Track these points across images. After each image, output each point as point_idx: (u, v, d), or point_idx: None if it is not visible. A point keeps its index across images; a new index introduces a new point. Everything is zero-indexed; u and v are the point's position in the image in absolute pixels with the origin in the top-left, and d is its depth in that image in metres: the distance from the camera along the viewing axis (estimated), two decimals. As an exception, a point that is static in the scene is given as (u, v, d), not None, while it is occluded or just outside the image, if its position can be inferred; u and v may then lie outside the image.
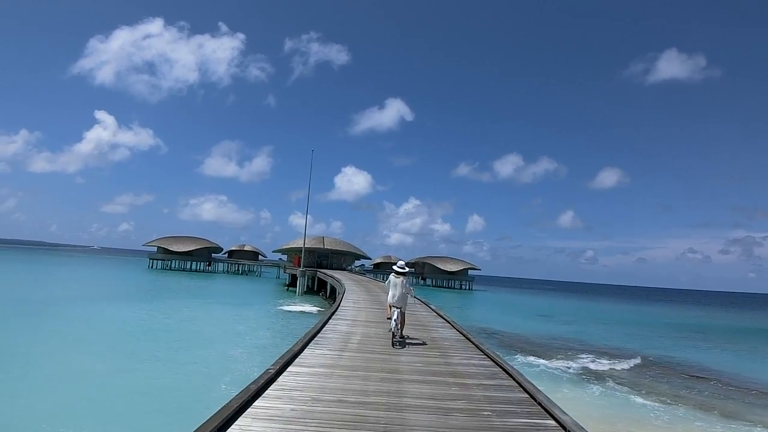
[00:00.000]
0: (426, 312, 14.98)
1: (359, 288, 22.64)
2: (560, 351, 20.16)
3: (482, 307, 44.93)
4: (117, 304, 25.21)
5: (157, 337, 16.93)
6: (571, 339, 24.64)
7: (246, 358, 13.63)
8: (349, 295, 17.62)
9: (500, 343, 21.03)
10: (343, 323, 10.58)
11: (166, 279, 52.31)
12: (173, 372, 12.50)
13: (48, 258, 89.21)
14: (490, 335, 23.26)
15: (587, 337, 26.08)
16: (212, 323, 21.13)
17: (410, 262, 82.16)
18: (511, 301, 62.58)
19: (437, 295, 55.20)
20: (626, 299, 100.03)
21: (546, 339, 23.90)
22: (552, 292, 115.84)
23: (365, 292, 20.11)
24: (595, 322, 36.64)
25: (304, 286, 40.19)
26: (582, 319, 39.45)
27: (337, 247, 53.50)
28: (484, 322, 29.34)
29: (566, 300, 77.11)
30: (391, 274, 8.87)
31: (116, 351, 14.42)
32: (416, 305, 15.25)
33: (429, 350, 8.01)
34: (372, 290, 21.75)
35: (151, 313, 23.02)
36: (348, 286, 22.31)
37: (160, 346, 15.34)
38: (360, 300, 16.23)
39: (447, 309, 40.19)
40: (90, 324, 18.75)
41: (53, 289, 32.05)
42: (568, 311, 48.51)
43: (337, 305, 13.73)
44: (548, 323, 33.25)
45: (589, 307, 59.23)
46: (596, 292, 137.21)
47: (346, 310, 13.14)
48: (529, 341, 22.44)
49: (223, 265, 78.01)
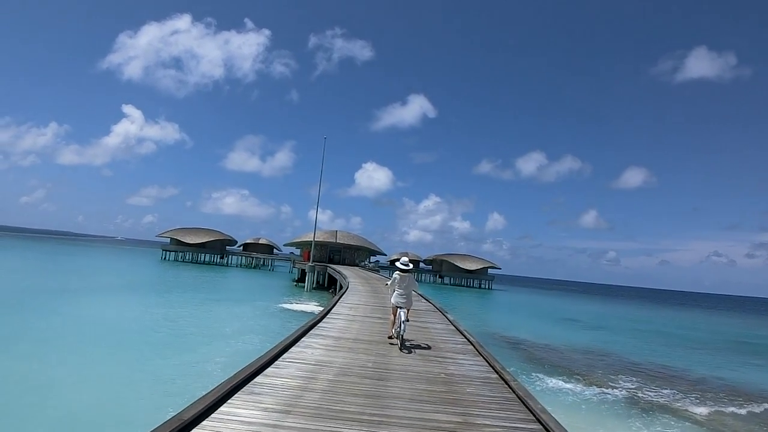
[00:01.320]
0: (427, 308, 13.27)
1: (365, 288, 19.99)
2: (596, 369, 17.13)
3: (503, 309, 41.81)
4: (104, 298, 23.30)
5: (125, 338, 14.70)
6: (607, 352, 21.49)
7: (216, 371, 11.20)
8: (348, 298, 15.01)
9: (525, 355, 18.13)
10: (328, 336, 7.97)
11: (173, 271, 50.88)
12: (123, 383, 10.27)
13: (65, 248, 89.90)
14: (514, 345, 20.35)
15: (625, 349, 22.86)
16: (199, 323, 18.88)
17: (428, 259, 79.30)
18: (533, 302, 59.10)
19: (455, 295, 52.27)
20: (653, 303, 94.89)
21: (578, 351, 20.84)
22: (574, 293, 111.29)
23: (370, 294, 17.44)
24: (630, 331, 33.15)
25: (313, 282, 37.90)
26: (614, 326, 35.96)
27: (350, 242, 51.00)
28: (506, 328, 26.39)
29: (591, 303, 73.03)
30: (395, 272, 8.22)
31: (73, 353, 12.29)
32: (419, 300, 13.65)
33: (428, 359, 6.84)
34: (379, 291, 19.06)
35: (135, 309, 20.97)
36: (352, 285, 19.72)
37: (122, 350, 13.10)
38: (359, 305, 13.56)
39: (465, 310, 37.29)
40: (62, 321, 16.71)
41: (50, 279, 30.54)
42: (595, 316, 44.90)
43: (325, 312, 11.13)
44: (577, 330, 30.01)
45: (617, 312, 55.29)
46: (620, 295, 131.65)
47: (335, 320, 10.52)
48: (558, 354, 19.44)
49: (236, 258, 76.78)
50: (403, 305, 7.89)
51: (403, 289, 7.96)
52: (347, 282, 20.81)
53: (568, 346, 22.00)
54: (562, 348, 21.02)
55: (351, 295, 15.73)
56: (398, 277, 8.07)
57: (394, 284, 8.11)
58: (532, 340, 22.26)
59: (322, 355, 6.47)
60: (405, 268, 8.14)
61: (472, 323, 26.31)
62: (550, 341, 22.66)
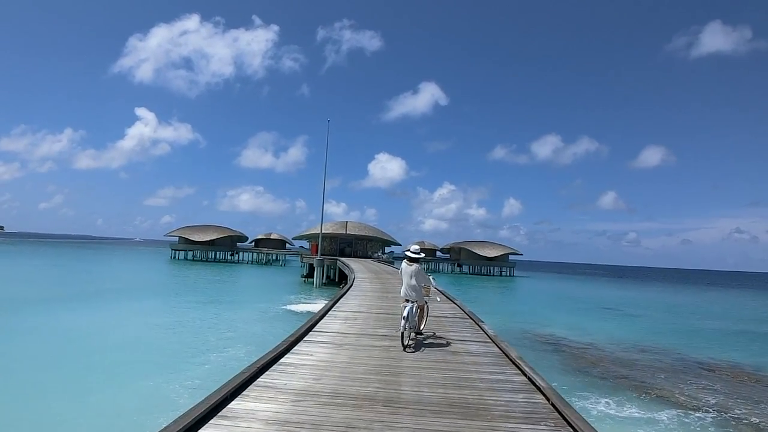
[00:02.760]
0: (451, 310, 10.85)
1: (373, 286, 17.08)
2: (659, 375, 13.97)
3: (530, 300, 38.56)
4: (92, 306, 20.96)
5: (91, 357, 12.14)
6: (662, 349, 18.23)
7: (184, 397, 8.51)
8: (345, 303, 12.11)
9: (570, 361, 15.05)
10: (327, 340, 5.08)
11: (179, 271, 48.89)
12: (56, 419, 7.68)
13: (77, 252, 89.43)
14: (554, 347, 17.24)
15: (682, 345, 19.53)
16: (185, 332, 16.30)
17: (445, 247, 76.11)
18: (560, 290, 55.59)
19: (476, 285, 49.20)
20: (682, 285, 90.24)
21: (628, 350, 17.64)
22: (598, 277, 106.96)
23: (378, 295, 14.51)
24: (676, 320, 29.64)
25: (322, 277, 35.25)
26: (655, 314, 32.46)
27: (362, 233, 48.14)
28: (538, 322, 23.29)
29: (620, 287, 69.06)
30: (402, 261, 7.55)
31: (18, 381, 9.78)
32: (436, 299, 11.05)
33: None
34: (390, 290, 16.12)
35: (119, 318, 18.51)
36: (357, 283, 16.84)
37: (78, 373, 10.58)
38: (359, 314, 10.64)
39: (488, 302, 34.14)
40: (26, 338, 14.31)
41: (42, 286, 28.51)
42: (630, 303, 41.31)
43: (315, 319, 8.27)
44: (617, 322, 26.69)
45: (652, 297, 51.47)
46: (644, 277, 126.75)
47: (329, 326, 7.65)
48: (608, 356, 16.28)
49: (247, 254, 74.89)
50: (411, 297, 7.07)
51: (411, 281, 7.16)
52: (353, 277, 17.93)
53: (614, 343, 18.81)
54: (609, 347, 17.84)
55: (352, 298, 12.73)
56: (405, 267, 7.31)
57: (401, 275, 7.39)
58: (572, 338, 19.12)
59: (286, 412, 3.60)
60: (414, 256, 7.31)
61: (499, 320, 23.26)
62: (592, 338, 19.50)
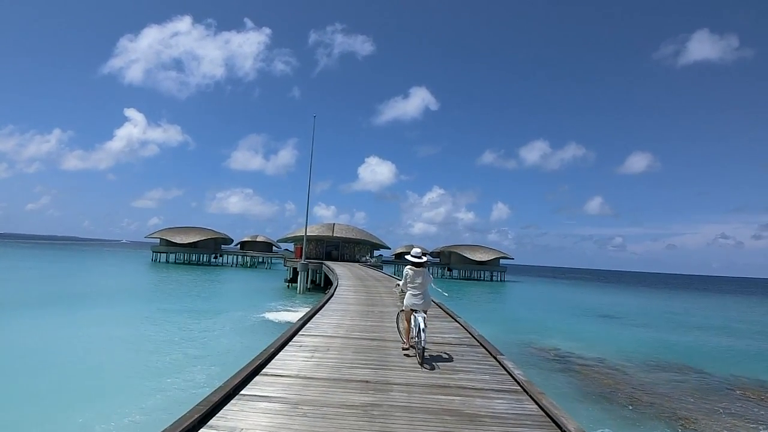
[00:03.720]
0: (454, 331, 8.97)
1: (357, 296, 15.00)
2: (687, 400, 12.12)
3: (525, 306, 36.78)
4: (45, 313, 18.55)
5: (22, 375, 9.88)
6: (694, 370, 16.36)
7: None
8: (328, 312, 10.04)
9: (590, 387, 13.09)
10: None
11: (157, 274, 46.26)
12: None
13: (57, 253, 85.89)
14: (563, 365, 15.30)
15: (708, 361, 17.74)
16: (142, 348, 14.06)
17: (435, 251, 74.23)
18: (554, 295, 54.03)
19: (467, 290, 47.35)
20: (675, 289, 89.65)
21: (644, 368, 15.79)
22: (587, 281, 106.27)
23: (363, 305, 12.45)
24: (684, 329, 28.03)
25: (306, 282, 33.06)
26: (661, 322, 30.84)
27: (349, 235, 46.04)
28: (538, 332, 21.43)
29: (614, 293, 67.90)
30: (406, 267, 6.66)
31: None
32: None
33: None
34: (378, 303, 14.05)
35: (76, 327, 16.17)
36: (340, 292, 14.77)
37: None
38: (339, 330, 8.55)
39: (483, 308, 32.18)
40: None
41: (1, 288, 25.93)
42: (630, 310, 39.78)
43: (293, 331, 6.22)
44: (623, 331, 24.93)
45: (650, 303, 50.14)
46: (632, 281, 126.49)
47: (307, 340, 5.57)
48: (630, 379, 14.34)
49: (232, 257, 72.29)
50: (419, 307, 6.46)
51: (418, 287, 6.52)
52: (335, 285, 15.86)
53: (625, 358, 16.97)
54: (622, 364, 15.98)
55: (329, 314, 10.50)
56: (411, 272, 6.60)
57: (406, 282, 6.63)
58: (579, 353, 17.25)
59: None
60: (418, 260, 6.65)
61: (496, 329, 21.32)
62: (600, 352, 17.65)
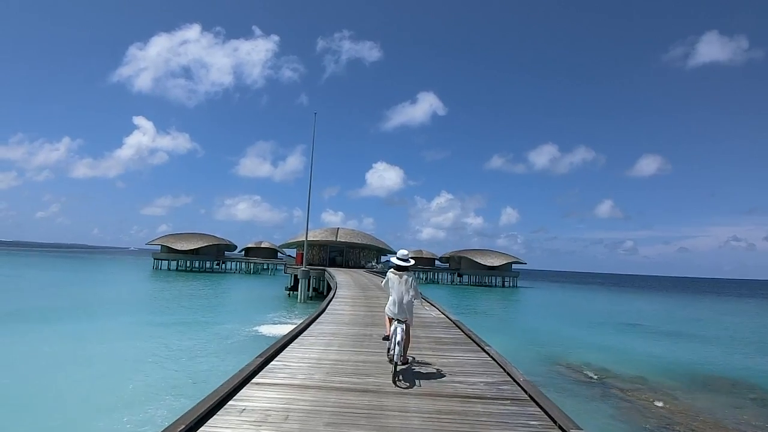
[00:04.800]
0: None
1: (354, 310, 12.78)
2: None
3: (541, 314, 34.31)
4: (12, 329, 16.64)
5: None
6: (752, 390, 14.01)
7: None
8: (312, 335, 7.88)
9: (640, 420, 10.77)
10: None
11: (154, 283, 44.48)
12: None
13: (60, 261, 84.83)
14: (599, 388, 12.91)
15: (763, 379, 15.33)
16: (106, 372, 12.01)
17: (444, 256, 71.85)
18: (572, 302, 51.36)
19: (479, 296, 44.98)
20: (693, 294, 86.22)
21: (705, 393, 13.38)
22: (600, 286, 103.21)
23: (359, 325, 10.26)
24: (724, 340, 25.44)
25: (307, 290, 30.93)
26: (696, 331, 28.24)
27: (354, 240, 43.88)
28: (563, 345, 19.07)
29: (631, 298, 64.98)
30: (388, 271, 5.85)
31: None
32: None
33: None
34: (377, 315, 11.83)
35: (39, 345, 14.18)
36: (334, 306, 12.58)
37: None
38: (322, 366, 6.37)
39: (499, 319, 29.73)
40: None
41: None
42: (654, 316, 37.13)
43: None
44: (660, 344, 22.40)
45: (672, 309, 47.29)
46: (645, 285, 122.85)
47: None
48: (685, 405, 11.95)
49: (236, 263, 70.58)
50: (397, 317, 5.38)
51: (402, 295, 5.47)
52: (330, 298, 13.70)
53: (670, 377, 14.57)
54: (667, 384, 13.58)
55: (314, 337, 8.09)
56: (394, 277, 5.61)
57: (386, 286, 5.70)
58: (615, 370, 14.87)
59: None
60: (403, 264, 5.66)
61: (514, 342, 18.97)
62: (639, 369, 15.27)
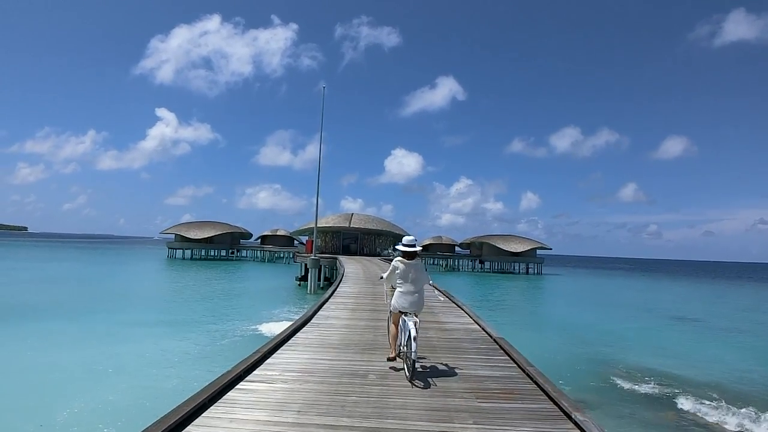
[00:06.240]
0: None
1: (355, 315, 10.19)
2: None
3: (576, 306, 31.23)
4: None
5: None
6: None
7: None
8: (295, 347, 5.28)
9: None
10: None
11: (163, 273, 43.03)
12: None
13: (78, 253, 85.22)
14: (686, 420, 10.10)
15: None
16: (50, 390, 9.82)
17: (465, 242, 68.83)
18: (602, 289, 47.91)
19: (503, 285, 42.06)
20: (725, 279, 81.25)
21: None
22: (627, 271, 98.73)
23: (359, 332, 7.67)
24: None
25: (317, 280, 28.62)
26: (755, 325, 24.92)
27: (368, 226, 41.34)
28: (610, 345, 16.20)
29: (664, 285, 60.96)
30: (395, 259, 5.22)
31: None
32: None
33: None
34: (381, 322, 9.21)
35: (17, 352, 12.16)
36: (327, 310, 10.03)
37: None
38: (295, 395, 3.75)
39: (528, 311, 26.54)
40: None
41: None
42: (702, 307, 33.68)
43: None
44: (731, 344, 19.32)
45: (717, 297, 43.48)
46: (673, 270, 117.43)
47: None
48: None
49: (250, 252, 69.23)
50: (410, 309, 4.95)
51: (410, 284, 5.00)
52: (330, 291, 11.18)
53: (760, 388, 11.62)
54: (761, 399, 10.67)
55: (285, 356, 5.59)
56: (402, 265, 5.07)
57: (393, 277, 5.11)
58: (686, 381, 11.94)
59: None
60: (410, 250, 5.10)
61: (556, 344, 16.24)
62: (714, 379, 12.31)
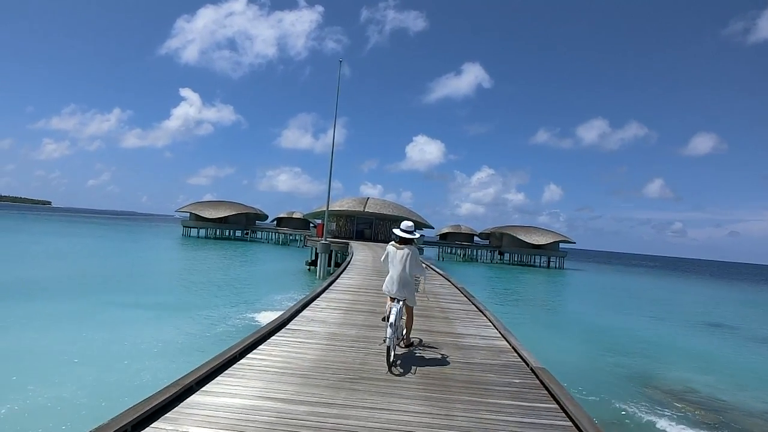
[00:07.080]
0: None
1: (349, 316, 8.62)
2: None
3: (603, 306, 29.11)
4: None
5: None
6: None
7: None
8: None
9: None
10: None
11: (176, 252, 42.41)
12: None
13: (97, 228, 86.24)
14: None
15: None
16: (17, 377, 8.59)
17: (484, 232, 66.62)
18: (629, 288, 45.33)
19: (522, 278, 40.05)
20: (755, 281, 76.92)
21: None
22: (652, 269, 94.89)
23: (356, 333, 6.08)
24: None
25: (328, 265, 27.22)
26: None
27: (384, 211, 39.68)
28: (653, 359, 14.31)
29: (697, 287, 57.85)
30: (389, 244, 5.34)
31: None
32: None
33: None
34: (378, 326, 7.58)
35: None
36: (326, 298, 8.47)
37: None
38: None
39: (549, 307, 24.69)
40: None
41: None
42: (740, 313, 31.17)
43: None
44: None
45: (755, 303, 40.60)
46: (699, 270, 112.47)
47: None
48: None
49: (265, 233, 68.59)
50: (395, 295, 4.95)
51: (400, 270, 4.98)
52: (336, 274, 9.66)
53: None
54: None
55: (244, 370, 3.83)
56: (392, 249, 5.17)
57: (386, 261, 5.20)
58: (754, 414, 10.09)
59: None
60: (405, 236, 5.11)
61: (587, 351, 14.42)
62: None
